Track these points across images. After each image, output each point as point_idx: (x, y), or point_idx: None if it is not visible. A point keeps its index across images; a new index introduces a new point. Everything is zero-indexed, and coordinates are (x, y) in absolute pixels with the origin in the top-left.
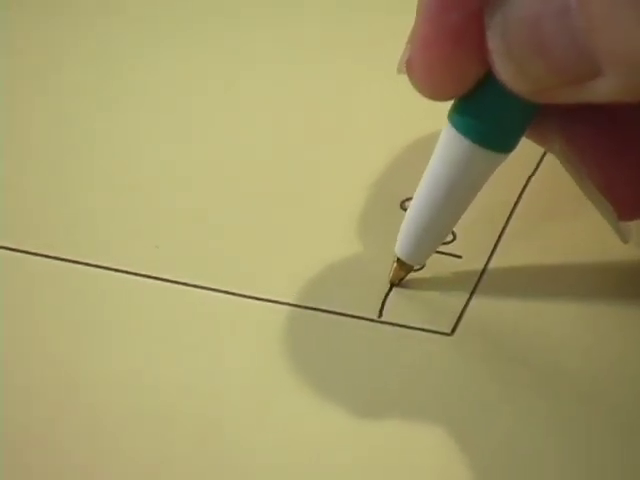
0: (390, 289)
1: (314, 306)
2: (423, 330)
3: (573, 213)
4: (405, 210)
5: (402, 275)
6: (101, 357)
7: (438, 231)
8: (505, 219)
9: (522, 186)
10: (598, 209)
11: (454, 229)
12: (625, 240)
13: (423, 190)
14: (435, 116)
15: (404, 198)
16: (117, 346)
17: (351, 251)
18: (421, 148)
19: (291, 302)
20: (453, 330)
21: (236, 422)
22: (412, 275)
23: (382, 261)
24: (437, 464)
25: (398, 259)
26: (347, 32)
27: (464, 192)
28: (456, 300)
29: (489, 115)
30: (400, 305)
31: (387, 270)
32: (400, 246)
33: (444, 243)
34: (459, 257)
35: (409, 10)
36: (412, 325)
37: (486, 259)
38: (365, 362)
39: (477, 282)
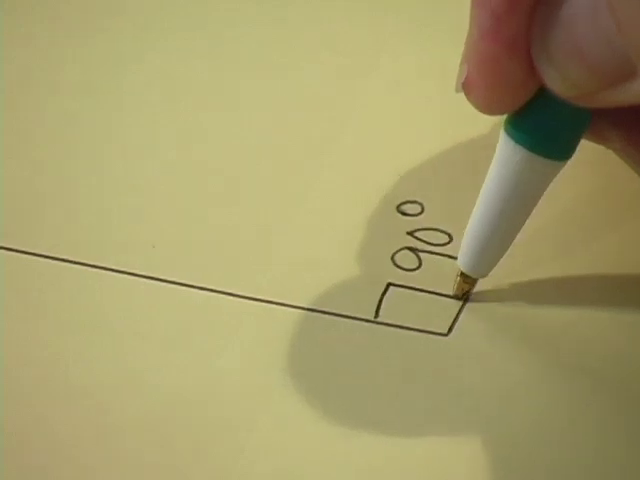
0: (386, 290)
1: (311, 307)
2: (419, 331)
3: (570, 214)
4: (402, 213)
5: (467, 288)
6: (98, 357)
7: (501, 242)
8: None
9: None
10: None
11: (450, 231)
12: None
13: (483, 201)
14: (435, 118)
15: (400, 201)
16: (117, 347)
17: (348, 252)
18: (419, 150)
19: (288, 303)
20: (449, 331)
21: (234, 422)
22: (408, 276)
23: (379, 262)
24: (434, 464)
25: (462, 272)
26: (348, 33)
27: (523, 202)
28: (452, 301)
29: (545, 124)
30: (397, 306)
31: (384, 271)
32: (463, 259)
33: (441, 245)
34: (455, 259)
35: (410, 9)
36: (408, 326)
37: None
38: (361, 362)
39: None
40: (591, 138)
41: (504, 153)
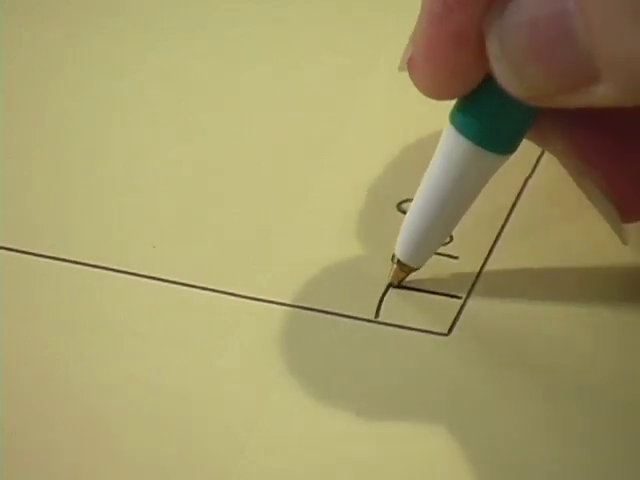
0: (387, 290)
1: (312, 306)
2: (420, 331)
3: (570, 215)
4: (402, 212)
5: (402, 276)
6: (99, 357)
7: (439, 232)
8: (502, 220)
9: (519, 188)
10: (600, 211)
11: None
12: (625, 242)
13: (424, 191)
14: (433, 118)
15: (401, 200)
16: (118, 347)
17: (348, 252)
18: (419, 149)
19: (289, 302)
20: (450, 330)
21: (234, 422)
22: (409, 276)
23: (379, 262)
24: (434, 464)
25: (398, 260)
26: (348, 33)
27: (464, 193)
28: (453, 301)
29: (490, 116)
30: (397, 306)
31: (385, 271)
32: (400, 247)
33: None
34: (456, 258)
35: (409, 9)
36: (409, 326)
37: (483, 260)
38: (362, 362)
39: (474, 283)
40: (533, 138)
41: (447, 142)
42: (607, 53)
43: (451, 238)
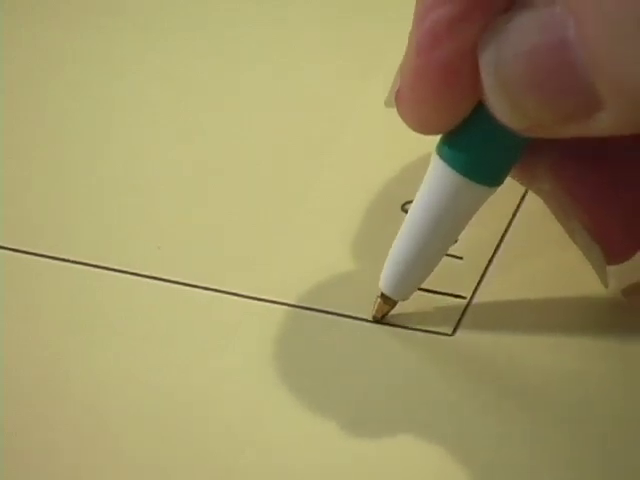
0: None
1: (314, 307)
2: (424, 331)
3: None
4: (406, 212)
5: (386, 310)
6: (99, 357)
7: (424, 265)
8: (508, 220)
9: (525, 188)
10: (583, 252)
11: None
12: (606, 284)
13: (409, 223)
14: None
15: (405, 200)
16: (118, 346)
17: (352, 253)
18: (421, 149)
19: (291, 302)
20: (454, 331)
21: (235, 422)
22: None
23: (383, 262)
24: (436, 464)
25: (382, 294)
26: (348, 33)
27: (451, 225)
28: (457, 301)
29: (477, 148)
30: (400, 306)
31: None
32: (385, 281)
33: None
34: (460, 258)
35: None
36: (413, 326)
37: (487, 260)
38: (364, 363)
39: (478, 283)
40: (519, 176)
41: (434, 175)
42: (612, 82)
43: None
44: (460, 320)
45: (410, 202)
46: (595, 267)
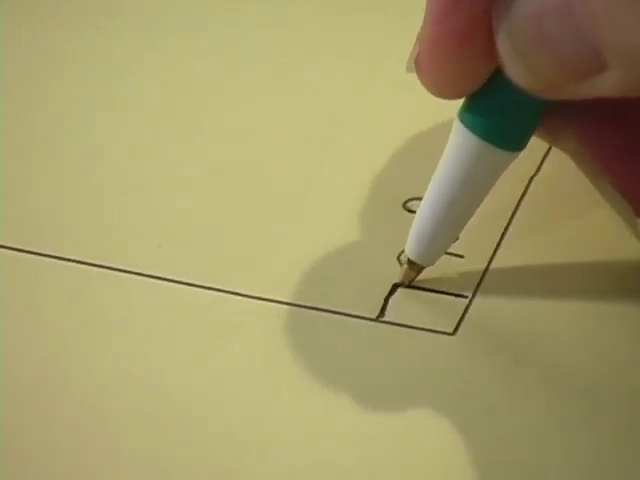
0: (393, 289)
1: (317, 306)
2: (425, 330)
3: (575, 213)
4: (408, 210)
5: (412, 276)
6: (99, 357)
7: (449, 230)
8: (508, 219)
9: (525, 186)
10: (614, 207)
11: None
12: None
13: (433, 189)
14: (438, 116)
15: (407, 198)
16: (118, 346)
17: (353, 251)
18: (425, 148)
19: (293, 302)
20: (455, 330)
21: (236, 421)
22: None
23: (385, 261)
24: (439, 463)
25: (408, 259)
26: (349, 31)
27: (474, 191)
28: (458, 300)
29: (499, 112)
30: (402, 305)
31: (390, 270)
32: (410, 246)
33: None
34: (461, 257)
35: (409, 9)
36: (414, 325)
37: (488, 259)
38: (366, 362)
39: (479, 282)
40: (544, 136)
41: (456, 140)
42: (611, 42)
43: (457, 237)
44: (461, 319)
45: (412, 199)
46: (626, 221)
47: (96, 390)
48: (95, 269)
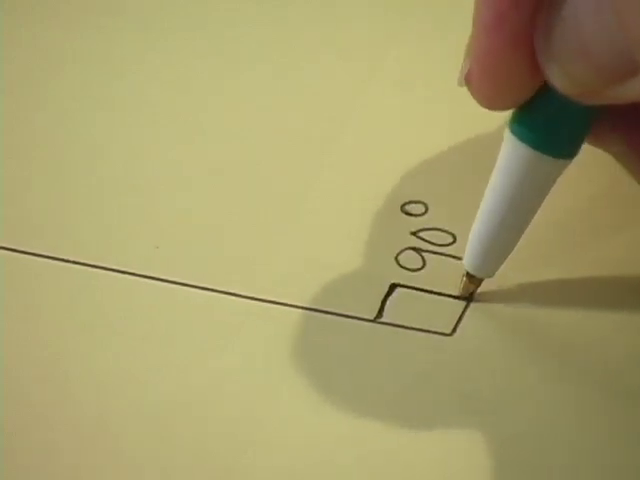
0: (392, 290)
1: (314, 307)
2: (423, 331)
3: (575, 215)
4: (406, 213)
5: (472, 289)
6: (103, 357)
7: (506, 241)
8: None
9: None
10: None
11: (454, 231)
12: None
13: (488, 201)
14: (436, 118)
15: (405, 201)
16: (118, 346)
17: (352, 253)
18: (424, 150)
19: (291, 303)
20: (453, 331)
21: (235, 422)
22: (412, 276)
23: (382, 263)
24: (437, 464)
25: (467, 273)
26: (348, 33)
27: (529, 200)
28: (456, 301)
29: (549, 122)
30: (400, 306)
31: (388, 271)
32: (469, 260)
33: (445, 245)
34: (459, 259)
35: (409, 9)
36: (412, 326)
37: None
38: (365, 363)
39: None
40: (591, 141)
41: (508, 151)
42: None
43: (455, 239)
44: (459, 320)
45: (410, 202)
46: None
47: (95, 390)
48: (94, 269)
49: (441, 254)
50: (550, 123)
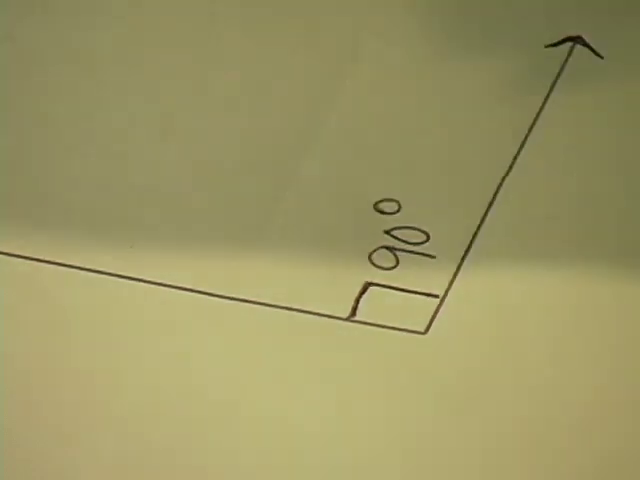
0: (365, 289)
1: (288, 306)
2: (397, 329)
3: (548, 213)
4: (379, 211)
5: None
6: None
7: None
8: (479, 219)
9: (496, 186)
10: None
11: (428, 230)
12: None
13: None
14: (411, 117)
15: (378, 199)
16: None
17: (325, 251)
18: (396, 149)
19: (265, 302)
20: (427, 329)
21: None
22: (386, 275)
23: (356, 261)
24: (414, 461)
25: None
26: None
27: None
28: (430, 299)
29: None
30: (374, 304)
31: (362, 270)
32: None
33: (418, 243)
34: (433, 257)
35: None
36: (386, 324)
37: (460, 259)
38: (339, 361)
39: (451, 281)
40: None
41: None
42: None
43: (428, 237)
44: (433, 318)
45: (382, 201)
46: None
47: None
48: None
49: (414, 252)
50: None
